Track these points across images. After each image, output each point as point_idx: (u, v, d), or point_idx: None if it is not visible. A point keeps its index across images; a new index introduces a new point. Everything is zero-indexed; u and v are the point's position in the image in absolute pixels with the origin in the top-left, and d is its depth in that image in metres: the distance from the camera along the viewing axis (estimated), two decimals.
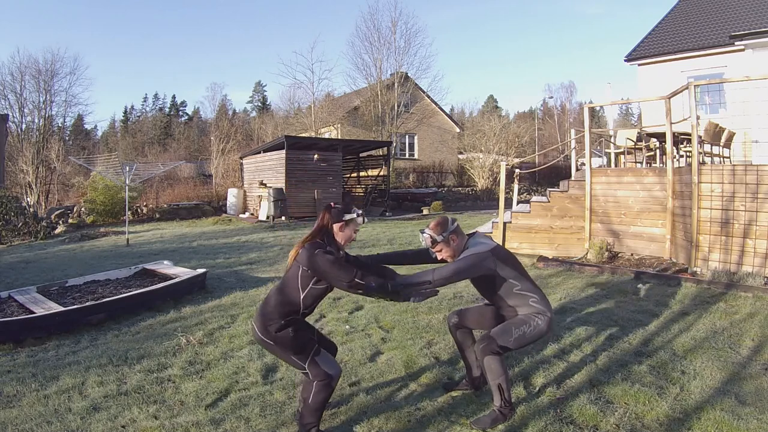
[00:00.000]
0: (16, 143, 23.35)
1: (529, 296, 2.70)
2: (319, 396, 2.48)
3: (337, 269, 2.44)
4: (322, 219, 2.64)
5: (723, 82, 8.40)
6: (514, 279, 2.70)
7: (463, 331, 3.02)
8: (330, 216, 2.63)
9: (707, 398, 2.85)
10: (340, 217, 2.63)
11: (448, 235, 2.77)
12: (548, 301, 2.77)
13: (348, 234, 2.66)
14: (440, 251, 2.80)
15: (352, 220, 2.65)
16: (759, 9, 12.13)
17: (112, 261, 8.70)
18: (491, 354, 2.58)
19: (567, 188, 7.66)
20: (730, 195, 5.55)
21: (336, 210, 2.64)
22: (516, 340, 2.63)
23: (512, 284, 2.70)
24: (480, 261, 2.63)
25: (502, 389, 2.61)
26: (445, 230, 2.77)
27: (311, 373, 2.49)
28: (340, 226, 2.63)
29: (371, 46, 25.70)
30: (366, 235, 10.91)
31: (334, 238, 2.63)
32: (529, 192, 21.72)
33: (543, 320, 2.67)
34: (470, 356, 2.99)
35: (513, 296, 2.71)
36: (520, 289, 2.70)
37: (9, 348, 4.09)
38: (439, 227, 2.78)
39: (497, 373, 2.60)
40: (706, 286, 5.22)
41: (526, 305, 2.70)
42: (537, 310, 2.68)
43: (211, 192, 20.13)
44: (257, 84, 63.11)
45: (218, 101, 46.56)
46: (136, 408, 2.97)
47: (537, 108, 47.16)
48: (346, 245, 2.69)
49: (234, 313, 4.92)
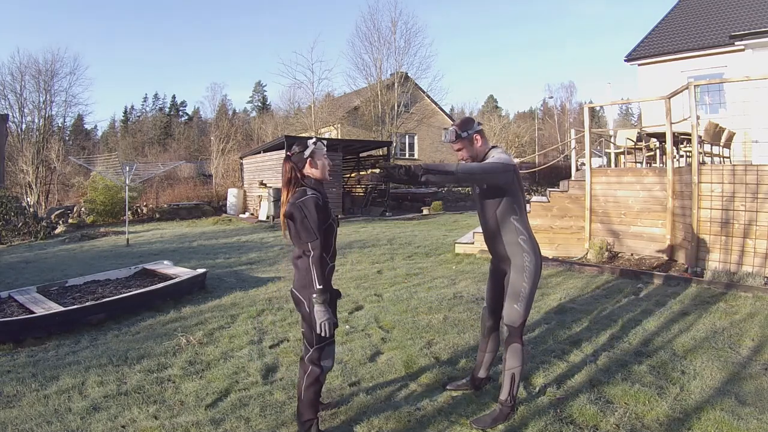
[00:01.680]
0: (16, 143, 23.35)
1: (520, 231, 2.67)
2: (309, 390, 2.50)
3: (303, 228, 2.38)
4: (288, 172, 2.52)
5: (723, 82, 8.40)
6: (517, 206, 2.66)
7: (496, 336, 2.98)
8: (293, 164, 2.52)
9: (707, 398, 2.85)
10: (302, 158, 2.53)
11: (473, 134, 2.70)
12: (536, 241, 2.73)
13: (321, 166, 2.54)
14: (461, 150, 2.72)
15: (314, 152, 2.53)
16: (759, 9, 12.13)
17: (112, 261, 8.70)
18: (516, 342, 2.64)
19: (567, 188, 7.65)
20: (730, 195, 5.55)
21: (294, 156, 2.54)
22: (525, 308, 2.64)
23: (513, 210, 2.66)
24: (505, 170, 2.58)
25: (514, 380, 2.64)
26: (471, 128, 2.70)
27: (311, 355, 2.49)
28: (309, 163, 2.52)
29: (371, 46, 25.76)
30: (366, 235, 10.91)
31: (313, 180, 2.54)
32: (529, 192, 21.70)
33: (530, 260, 2.64)
34: (487, 359, 3.01)
35: (508, 226, 2.66)
36: (516, 220, 2.66)
37: (9, 348, 4.09)
38: (464, 124, 2.71)
39: (517, 362, 2.64)
40: (706, 286, 5.22)
41: (516, 243, 2.66)
42: (524, 249, 2.66)
43: (211, 192, 20.13)
44: (257, 84, 63.12)
45: (218, 101, 46.65)
46: (136, 408, 2.97)
47: (537, 108, 47.17)
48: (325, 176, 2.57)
49: (234, 313, 4.92)
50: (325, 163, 2.57)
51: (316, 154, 2.53)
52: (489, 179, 2.63)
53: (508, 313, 2.66)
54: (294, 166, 2.53)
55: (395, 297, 5.32)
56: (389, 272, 6.75)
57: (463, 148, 2.71)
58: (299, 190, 2.48)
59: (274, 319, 4.68)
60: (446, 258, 7.70)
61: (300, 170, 2.53)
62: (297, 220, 2.41)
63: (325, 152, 2.59)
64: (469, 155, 2.71)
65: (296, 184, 2.52)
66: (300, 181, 2.52)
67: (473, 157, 2.72)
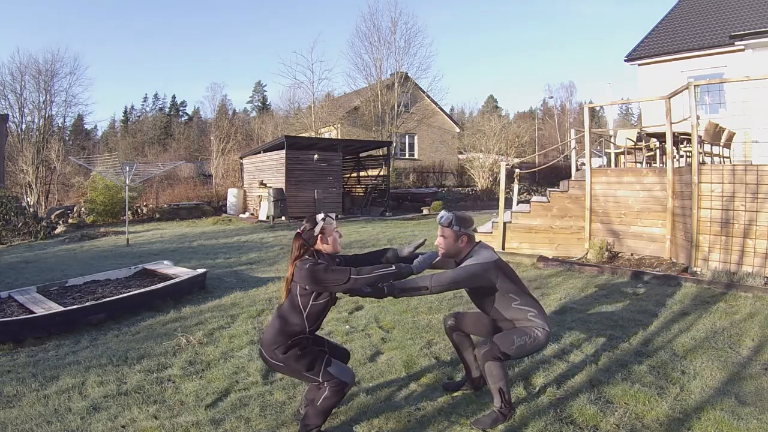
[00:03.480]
0: (16, 143, 23.35)
1: (528, 311, 2.68)
2: (329, 401, 2.45)
3: (331, 273, 2.42)
4: (298, 250, 2.57)
5: (723, 82, 8.42)
6: (513, 294, 2.68)
7: (460, 334, 2.99)
8: (303, 241, 2.58)
9: (707, 398, 2.85)
10: (312, 235, 2.58)
11: (462, 234, 2.72)
12: (546, 315, 2.75)
13: (332, 241, 2.60)
14: (443, 238, 2.74)
15: (324, 228, 2.58)
16: (759, 9, 12.13)
17: (112, 261, 8.70)
18: (493, 359, 2.57)
19: (567, 188, 7.66)
20: (730, 195, 5.55)
21: (305, 233, 2.58)
22: (517, 349, 2.62)
23: (511, 298, 2.68)
24: (483, 271, 2.60)
25: (503, 392, 2.61)
26: (465, 227, 2.72)
27: (327, 384, 2.46)
28: (320, 239, 2.58)
29: (371, 46, 25.74)
30: (366, 235, 10.92)
31: (321, 254, 2.59)
32: (529, 192, 21.69)
33: (542, 334, 2.66)
34: (468, 357, 2.99)
35: (511, 310, 2.69)
36: (519, 304, 2.68)
37: (9, 348, 4.09)
38: (463, 221, 2.73)
39: (498, 378, 2.60)
40: (706, 286, 5.22)
41: (525, 319, 2.68)
42: (536, 324, 2.67)
43: (211, 192, 20.13)
44: (257, 84, 63.16)
45: (218, 101, 46.63)
46: (136, 408, 2.97)
47: (537, 108, 47.22)
48: (336, 249, 2.63)
49: (234, 313, 4.92)
50: (335, 237, 2.61)
51: (326, 230, 2.58)
52: (466, 285, 2.66)
53: (504, 337, 2.64)
54: (304, 243, 2.57)
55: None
56: None
57: (447, 238, 2.73)
58: (309, 258, 2.52)
59: None
60: None
61: (311, 247, 2.57)
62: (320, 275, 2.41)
63: (335, 226, 2.63)
64: (447, 248, 2.74)
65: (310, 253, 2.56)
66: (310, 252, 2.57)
67: (448, 251, 2.74)
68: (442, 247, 2.75)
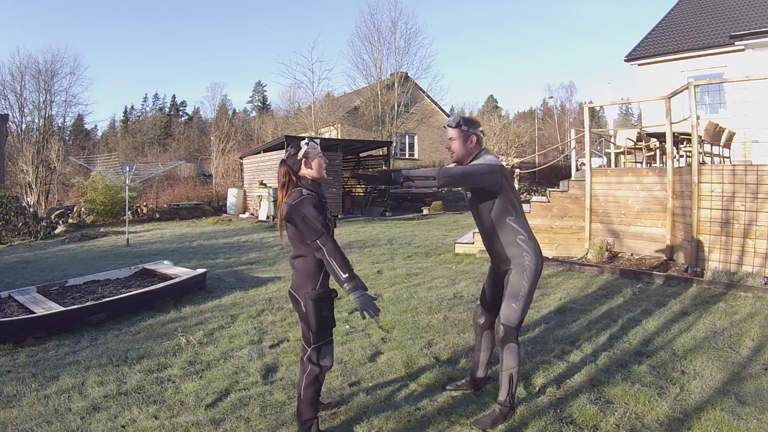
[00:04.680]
0: (16, 143, 23.37)
1: (518, 232, 2.64)
2: (309, 389, 2.50)
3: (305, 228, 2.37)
4: (284, 176, 2.51)
5: (723, 82, 8.39)
6: (511, 207, 2.64)
7: (489, 333, 2.97)
8: (288, 167, 2.52)
9: (707, 398, 2.85)
10: (296, 160, 2.51)
11: (471, 133, 2.68)
12: (536, 240, 2.70)
13: (316, 165, 2.52)
14: (452, 140, 2.70)
15: (307, 152, 2.51)
16: (759, 9, 12.13)
17: (112, 261, 8.70)
18: (512, 342, 2.63)
19: (567, 188, 7.65)
20: (730, 195, 5.55)
21: (289, 159, 2.53)
22: (521, 310, 2.62)
23: (508, 211, 2.63)
24: (491, 171, 2.56)
25: (512, 381, 2.63)
26: (473, 127, 2.69)
27: (309, 354, 2.50)
28: (304, 163, 2.51)
29: (371, 46, 25.73)
30: (366, 235, 10.91)
31: (310, 181, 2.53)
32: (529, 192, 21.70)
33: (531, 261, 2.62)
34: (482, 357, 3.00)
35: (505, 227, 2.64)
36: (513, 220, 2.63)
37: (9, 348, 4.09)
38: (470, 121, 2.71)
39: (514, 362, 2.63)
40: (706, 286, 5.22)
41: (515, 244, 2.64)
42: (524, 249, 2.63)
43: (211, 192, 20.14)
44: (257, 84, 63.06)
45: (218, 101, 46.49)
46: (136, 408, 2.97)
47: (537, 108, 47.23)
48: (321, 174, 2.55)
49: (234, 313, 4.92)
50: (320, 161, 2.54)
51: (310, 154, 2.52)
52: (472, 182, 2.61)
53: (505, 312, 2.65)
54: (289, 169, 2.52)
55: (395, 297, 5.32)
56: (389, 272, 6.75)
57: (456, 140, 2.69)
58: (295, 191, 2.47)
59: (274, 319, 4.68)
60: (446, 258, 7.70)
61: (296, 173, 2.52)
62: (297, 221, 2.39)
63: (319, 151, 2.56)
64: (456, 150, 2.69)
65: (292, 186, 2.50)
66: (296, 183, 2.51)
67: (459, 153, 2.69)
68: (452, 150, 2.70)
